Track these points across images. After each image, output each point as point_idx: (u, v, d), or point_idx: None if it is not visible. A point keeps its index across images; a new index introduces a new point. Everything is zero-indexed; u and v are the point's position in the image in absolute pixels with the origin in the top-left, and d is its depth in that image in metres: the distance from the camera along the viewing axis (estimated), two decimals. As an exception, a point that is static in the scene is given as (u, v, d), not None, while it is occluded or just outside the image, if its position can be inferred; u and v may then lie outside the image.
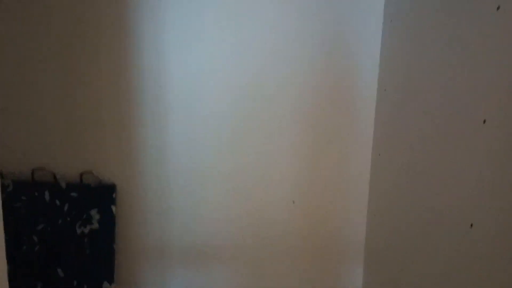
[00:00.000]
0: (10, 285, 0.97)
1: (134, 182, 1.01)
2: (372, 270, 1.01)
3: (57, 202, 0.98)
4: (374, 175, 1.00)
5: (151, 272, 1.04)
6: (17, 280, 0.98)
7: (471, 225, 0.62)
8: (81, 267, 0.98)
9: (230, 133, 1.00)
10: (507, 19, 0.55)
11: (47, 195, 0.98)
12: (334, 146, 1.01)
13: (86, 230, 0.98)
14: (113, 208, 0.99)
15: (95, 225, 0.99)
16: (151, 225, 1.03)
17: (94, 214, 0.98)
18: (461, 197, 0.64)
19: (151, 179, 1.01)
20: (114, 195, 0.99)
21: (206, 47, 0.96)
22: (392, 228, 0.91)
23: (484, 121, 0.59)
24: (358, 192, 1.03)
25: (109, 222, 0.99)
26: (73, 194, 0.98)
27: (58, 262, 0.98)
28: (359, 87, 0.98)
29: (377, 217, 0.99)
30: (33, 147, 0.99)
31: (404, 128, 0.85)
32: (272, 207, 1.03)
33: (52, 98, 0.97)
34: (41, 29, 0.94)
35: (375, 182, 1.00)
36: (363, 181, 1.02)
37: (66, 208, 0.98)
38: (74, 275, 0.98)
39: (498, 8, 0.57)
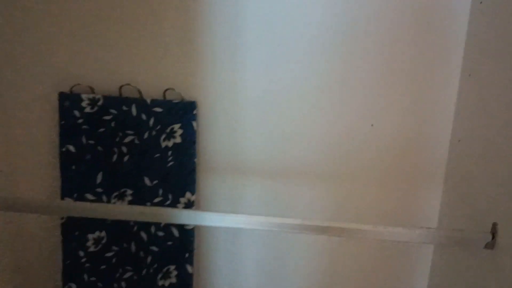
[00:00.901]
0: (103, 191, 1.07)
1: (213, 100, 1.05)
2: (451, 196, 1.00)
3: (143, 116, 1.04)
4: (462, 98, 0.96)
5: (227, 186, 1.10)
6: (108, 187, 1.07)
7: None
8: (165, 177, 1.05)
9: (310, 54, 1.00)
10: None
11: (133, 110, 1.04)
12: (418, 67, 0.98)
13: (170, 144, 1.04)
14: (194, 124, 1.03)
15: (178, 140, 1.04)
16: (229, 142, 1.07)
17: (177, 129, 1.03)
18: None
19: (230, 98, 1.04)
20: (195, 112, 1.03)
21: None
22: (477, 155, 0.88)
23: None
24: (441, 117, 1.00)
25: (190, 137, 1.04)
26: (157, 109, 1.03)
27: (145, 172, 1.06)
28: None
29: (461, 144, 0.96)
30: (121, 65, 1.04)
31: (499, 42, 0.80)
32: (350, 129, 1.03)
33: (136, 23, 1.00)
34: None
35: (462, 106, 0.96)
36: (448, 104, 0.99)
37: (151, 122, 1.04)
38: (159, 184, 1.06)
39: None
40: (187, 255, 1.08)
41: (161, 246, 1.08)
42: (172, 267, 1.09)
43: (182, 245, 1.08)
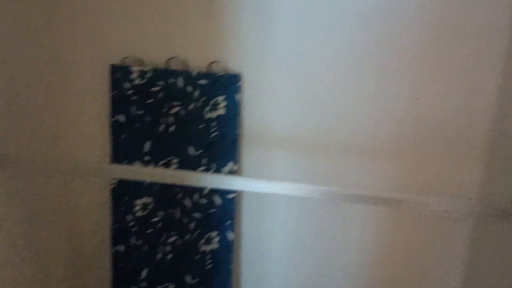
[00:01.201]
0: (150, 159, 1.13)
1: (257, 73, 1.07)
2: (494, 169, 1.00)
3: (189, 88, 1.08)
4: (508, 74, 0.95)
5: (269, 158, 1.13)
6: (155, 155, 1.12)
7: None
8: (209, 147, 1.10)
9: (352, 27, 1.00)
10: None
11: (180, 82, 1.08)
12: (463, 41, 0.96)
13: (213, 115, 1.08)
14: (238, 96, 1.06)
15: (221, 111, 1.08)
16: (272, 114, 1.09)
17: (221, 101, 1.07)
18: None
19: (274, 71, 1.06)
20: (238, 84, 1.06)
21: None
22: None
23: None
24: (486, 91, 0.99)
25: (233, 109, 1.07)
26: (202, 81, 1.07)
27: (190, 142, 1.10)
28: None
29: (506, 119, 0.95)
30: (169, 38, 1.08)
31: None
32: (395, 103, 1.03)
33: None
34: None
35: (508, 82, 0.95)
36: (493, 79, 0.97)
37: (196, 94, 1.08)
38: (203, 154, 1.10)
39: None
40: (228, 222, 1.13)
41: (204, 213, 1.13)
42: (213, 234, 1.14)
43: (224, 212, 1.12)
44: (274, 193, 0.83)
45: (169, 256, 1.18)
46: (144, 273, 1.19)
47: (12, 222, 1.02)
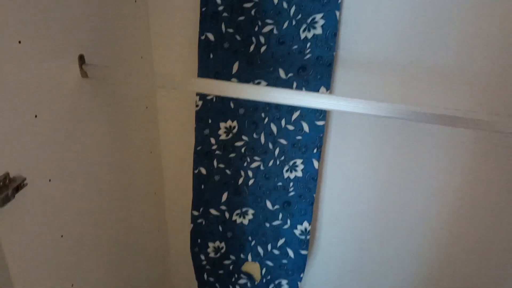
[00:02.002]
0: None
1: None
2: None
3: (284, 4, 1.01)
4: None
5: (364, 84, 1.06)
6: (243, 77, 1.08)
7: None
8: (301, 70, 1.04)
9: None
10: None
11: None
12: None
13: (309, 35, 1.01)
14: (337, 13, 0.98)
15: (318, 30, 1.00)
16: (373, 36, 1.01)
17: (319, 19, 0.99)
18: None
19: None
20: (339, 0, 0.98)
21: None
22: None
23: None
24: None
25: (332, 28, 1.00)
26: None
27: (281, 65, 1.05)
28: None
29: None
30: None
31: None
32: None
33: None
34: None
35: None
36: None
37: (292, 11, 1.01)
38: (293, 78, 1.05)
39: None
40: (315, 150, 1.09)
41: (290, 140, 1.10)
42: (298, 161, 1.12)
43: (311, 140, 1.09)
44: (367, 112, 0.77)
45: (251, 181, 1.17)
46: (224, 196, 1.20)
47: (101, 132, 1.04)
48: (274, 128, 1.11)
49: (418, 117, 0.76)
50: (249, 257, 1.25)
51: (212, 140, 1.16)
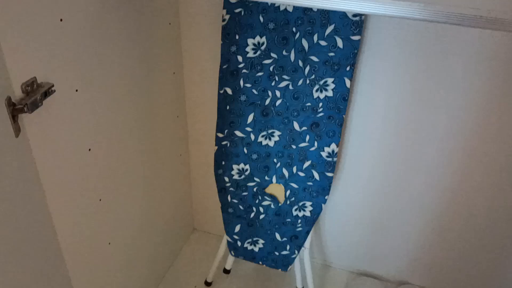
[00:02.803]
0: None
1: None
2: None
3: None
4: None
5: None
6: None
7: None
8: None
9: None
10: None
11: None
12: None
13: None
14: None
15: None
16: None
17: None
18: None
19: None
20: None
21: None
22: None
23: None
24: None
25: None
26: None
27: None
28: None
29: None
30: None
31: None
32: None
33: None
34: None
35: None
36: None
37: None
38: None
39: None
40: (348, 68, 1.04)
41: (322, 56, 1.05)
42: (330, 80, 1.07)
43: (345, 56, 1.03)
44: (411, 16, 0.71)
45: (279, 101, 1.14)
46: (250, 117, 1.18)
47: (126, 47, 0.99)
48: (305, 44, 1.05)
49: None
50: (274, 179, 1.24)
51: (239, 58, 1.11)
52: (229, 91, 1.15)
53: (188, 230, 1.72)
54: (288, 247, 1.31)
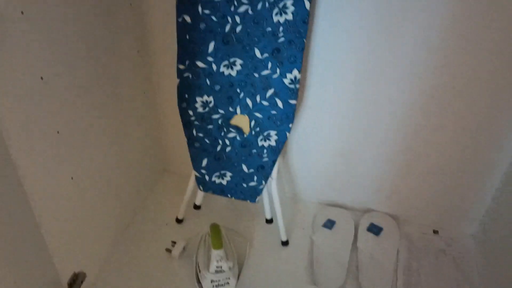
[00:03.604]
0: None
1: None
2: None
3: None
4: None
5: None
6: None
7: None
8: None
9: None
10: None
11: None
12: None
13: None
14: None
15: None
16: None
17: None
18: None
19: None
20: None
21: None
22: None
23: None
24: None
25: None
26: None
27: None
28: None
29: None
30: None
31: None
32: None
33: None
34: None
35: None
36: None
37: None
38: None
39: None
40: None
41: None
42: (289, 2, 1.04)
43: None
44: None
45: (239, 28, 1.11)
46: (211, 46, 1.15)
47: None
48: (262, -36, 1.01)
49: None
50: (238, 110, 1.24)
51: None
52: (187, 19, 1.12)
53: (159, 170, 1.72)
54: (255, 178, 1.33)
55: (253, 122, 1.24)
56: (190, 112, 1.26)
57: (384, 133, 1.33)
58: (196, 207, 1.52)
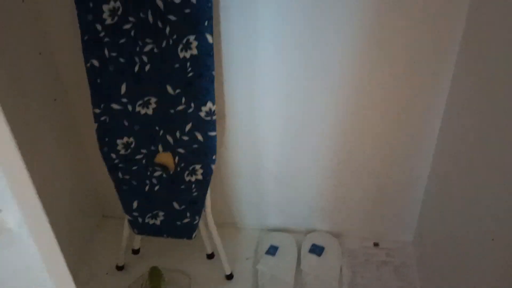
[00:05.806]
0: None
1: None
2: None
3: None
4: None
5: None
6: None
7: None
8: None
9: None
10: None
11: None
12: None
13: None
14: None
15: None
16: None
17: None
18: None
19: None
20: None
21: None
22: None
23: None
24: None
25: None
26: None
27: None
28: None
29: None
30: None
31: None
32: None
33: None
34: None
35: None
36: None
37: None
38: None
39: None
40: (206, 23, 1.04)
41: (179, 14, 1.04)
42: (191, 37, 1.07)
43: (200, 11, 1.03)
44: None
45: (147, 67, 1.12)
46: (123, 88, 1.15)
47: None
48: (160, 3, 1.03)
49: None
50: (160, 148, 1.23)
51: (98, 27, 1.07)
52: (95, 63, 1.12)
53: (97, 218, 1.66)
54: (188, 214, 1.31)
55: (177, 158, 1.23)
56: (113, 156, 1.23)
57: (316, 146, 1.34)
58: (135, 251, 1.47)
